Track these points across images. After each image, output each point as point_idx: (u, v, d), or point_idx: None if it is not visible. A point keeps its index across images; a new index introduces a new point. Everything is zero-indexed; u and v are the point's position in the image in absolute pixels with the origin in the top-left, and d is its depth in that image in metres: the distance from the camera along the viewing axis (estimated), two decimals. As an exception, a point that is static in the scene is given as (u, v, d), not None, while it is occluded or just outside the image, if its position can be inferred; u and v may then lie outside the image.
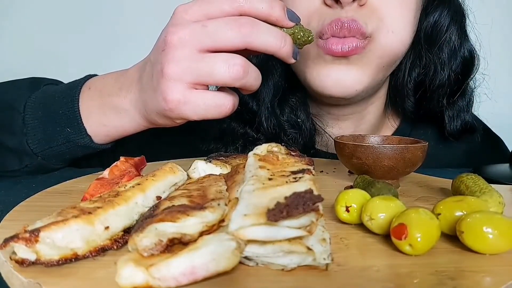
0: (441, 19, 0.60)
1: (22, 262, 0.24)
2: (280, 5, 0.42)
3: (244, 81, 0.41)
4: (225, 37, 0.39)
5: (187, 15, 0.41)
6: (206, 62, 0.40)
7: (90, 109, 0.51)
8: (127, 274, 0.22)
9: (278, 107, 0.62)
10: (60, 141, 0.52)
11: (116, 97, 0.49)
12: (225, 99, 0.43)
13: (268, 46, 0.41)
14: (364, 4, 0.51)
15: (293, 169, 0.32)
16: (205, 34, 0.40)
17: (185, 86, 0.41)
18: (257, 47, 0.40)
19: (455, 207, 0.30)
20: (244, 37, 0.39)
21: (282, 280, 0.24)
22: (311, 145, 0.65)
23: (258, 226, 0.23)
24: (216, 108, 0.42)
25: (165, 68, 0.40)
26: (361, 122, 0.66)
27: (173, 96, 0.41)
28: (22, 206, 0.36)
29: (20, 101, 0.52)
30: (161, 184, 0.33)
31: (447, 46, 0.61)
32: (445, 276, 0.24)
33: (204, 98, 0.41)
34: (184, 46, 0.40)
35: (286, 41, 0.42)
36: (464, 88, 0.64)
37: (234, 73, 0.40)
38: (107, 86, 0.51)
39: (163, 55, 0.41)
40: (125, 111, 0.49)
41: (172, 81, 0.41)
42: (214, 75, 0.40)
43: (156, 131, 0.52)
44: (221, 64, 0.40)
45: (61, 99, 0.52)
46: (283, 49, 0.41)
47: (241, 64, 0.40)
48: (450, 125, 0.65)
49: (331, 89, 0.54)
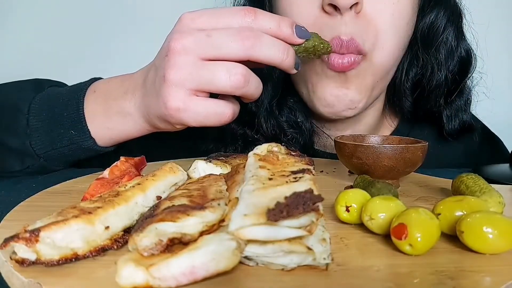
0: (437, 20, 0.60)
1: (22, 262, 0.24)
2: (288, 23, 0.42)
3: (244, 90, 0.41)
4: (228, 49, 0.40)
5: (193, 23, 0.42)
6: (208, 70, 0.40)
7: (94, 112, 0.51)
8: (127, 274, 0.22)
9: (277, 108, 0.62)
10: (63, 143, 0.52)
11: (121, 101, 0.49)
12: (226, 107, 0.43)
13: (271, 58, 0.42)
14: (360, 11, 0.51)
15: (293, 169, 0.32)
16: (209, 43, 0.40)
17: (187, 93, 0.41)
18: (259, 59, 0.41)
19: (455, 207, 0.30)
20: (247, 49, 0.40)
21: (282, 280, 0.24)
22: (310, 145, 0.65)
23: (258, 226, 0.23)
24: (216, 116, 0.43)
25: (167, 74, 0.41)
26: (359, 124, 0.66)
27: (173, 102, 0.41)
28: (22, 206, 0.36)
29: (24, 102, 0.52)
30: (161, 184, 0.33)
31: (444, 47, 0.61)
32: (445, 276, 0.24)
33: (205, 106, 0.42)
34: (187, 53, 0.40)
35: (289, 54, 0.42)
36: (462, 88, 0.64)
37: (235, 82, 0.40)
38: (112, 90, 0.51)
39: (166, 60, 0.41)
40: (130, 115, 0.49)
41: (173, 87, 0.41)
42: (215, 83, 0.40)
43: (158, 133, 0.52)
44: (222, 72, 0.40)
45: (66, 102, 0.52)
46: (285, 61, 0.42)
47: (242, 73, 0.40)
48: (448, 124, 0.65)
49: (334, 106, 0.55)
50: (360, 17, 0.51)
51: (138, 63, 0.52)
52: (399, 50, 0.57)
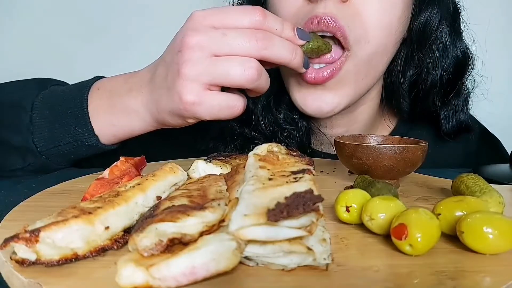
0: (431, 17, 0.60)
1: (22, 262, 0.24)
2: (290, 25, 0.45)
3: (257, 83, 0.43)
4: (243, 48, 0.42)
5: (205, 21, 0.43)
6: (222, 64, 0.42)
7: (98, 109, 0.51)
8: (127, 274, 0.22)
9: (275, 105, 0.62)
10: (66, 140, 0.52)
11: (126, 98, 0.50)
12: (237, 100, 0.44)
13: (281, 58, 0.44)
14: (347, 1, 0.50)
15: (293, 169, 0.32)
16: (224, 42, 0.42)
17: (201, 87, 0.42)
18: (271, 59, 0.43)
19: (455, 207, 0.30)
20: (260, 49, 0.42)
21: (282, 280, 0.24)
22: (308, 143, 0.65)
23: (258, 226, 0.23)
24: (228, 109, 0.44)
25: (182, 68, 0.42)
26: (353, 122, 0.66)
27: (188, 96, 0.42)
28: (22, 206, 0.36)
29: (27, 100, 0.52)
30: (161, 184, 0.33)
31: (438, 45, 0.61)
32: (445, 276, 0.24)
33: (218, 99, 0.43)
34: (202, 49, 0.42)
35: (297, 53, 0.45)
36: (459, 88, 0.64)
37: (250, 75, 0.42)
38: (116, 87, 0.51)
39: (179, 56, 0.42)
40: (135, 111, 0.50)
41: (188, 81, 0.42)
42: (230, 76, 0.42)
43: (159, 131, 0.52)
44: (237, 66, 0.42)
45: (69, 99, 0.52)
46: (294, 61, 0.45)
47: (256, 67, 0.42)
48: (446, 124, 0.65)
49: (311, 108, 0.55)
50: (347, 6, 0.51)
51: (139, 63, 0.52)
52: (387, 46, 0.56)
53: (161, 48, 0.48)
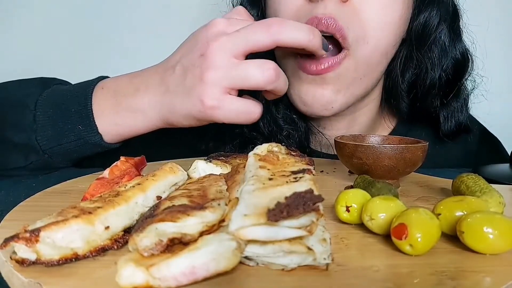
0: (430, 18, 0.60)
1: (23, 262, 0.24)
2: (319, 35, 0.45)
3: (276, 84, 0.43)
4: (256, 38, 0.42)
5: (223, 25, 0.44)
6: (241, 68, 0.42)
7: (103, 107, 0.51)
8: (127, 274, 0.22)
9: (273, 105, 0.62)
10: (70, 139, 0.52)
11: (131, 98, 0.50)
12: (255, 106, 0.45)
13: (297, 40, 0.43)
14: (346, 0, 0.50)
15: (294, 169, 0.32)
16: (238, 37, 0.42)
17: (221, 91, 0.43)
18: (286, 43, 0.43)
19: (456, 207, 0.30)
20: (273, 35, 0.42)
21: (282, 280, 0.24)
22: (307, 143, 0.65)
23: (258, 226, 0.23)
24: (246, 115, 0.45)
25: (206, 73, 0.43)
26: (354, 123, 0.66)
27: (210, 101, 0.43)
28: (22, 206, 0.36)
29: (31, 99, 0.52)
30: (161, 184, 0.33)
31: (436, 46, 0.61)
32: (445, 276, 0.24)
33: (237, 104, 0.44)
34: (223, 52, 0.42)
35: (315, 34, 0.44)
36: (458, 89, 0.64)
37: (268, 76, 0.42)
38: (121, 87, 0.51)
39: (202, 59, 0.43)
40: (141, 111, 0.50)
41: (211, 86, 0.43)
42: (249, 79, 0.42)
43: (159, 131, 0.52)
44: (255, 69, 0.42)
45: (73, 98, 0.52)
46: (312, 42, 0.44)
47: (274, 68, 0.43)
48: (445, 125, 0.65)
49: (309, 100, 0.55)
50: (346, 5, 0.51)
51: (139, 63, 0.52)
52: (387, 46, 0.56)
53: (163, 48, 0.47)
